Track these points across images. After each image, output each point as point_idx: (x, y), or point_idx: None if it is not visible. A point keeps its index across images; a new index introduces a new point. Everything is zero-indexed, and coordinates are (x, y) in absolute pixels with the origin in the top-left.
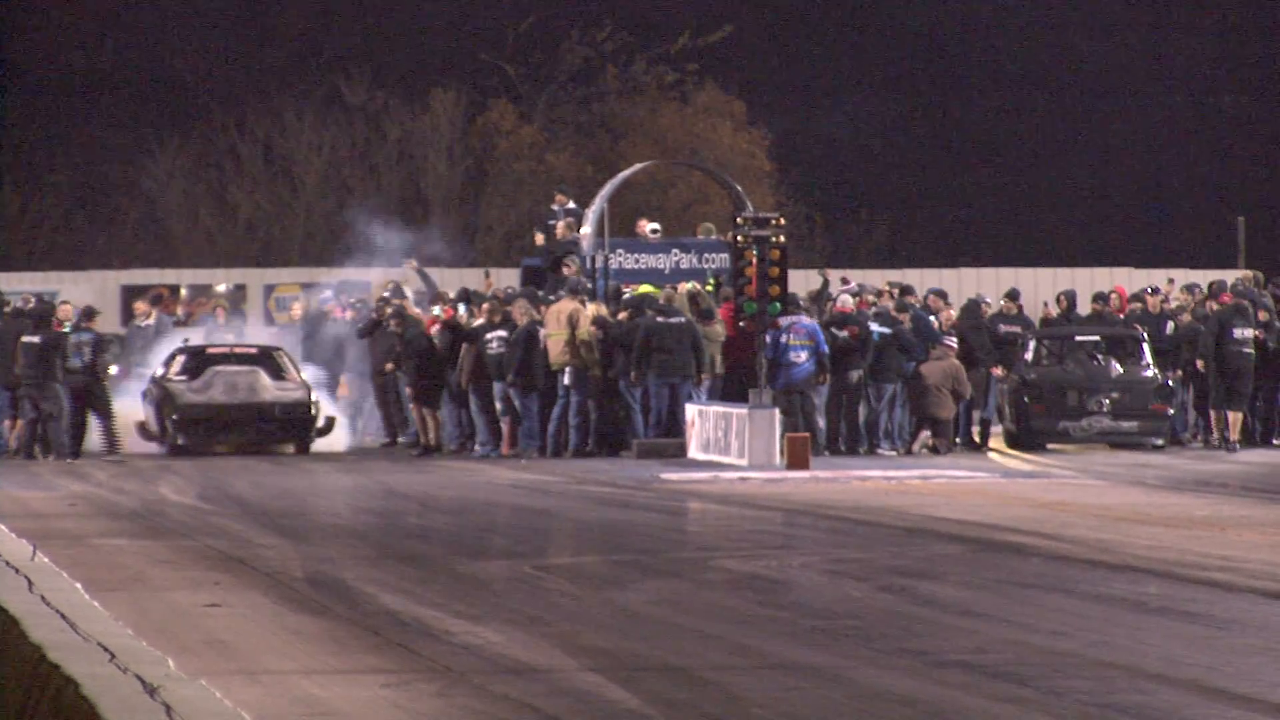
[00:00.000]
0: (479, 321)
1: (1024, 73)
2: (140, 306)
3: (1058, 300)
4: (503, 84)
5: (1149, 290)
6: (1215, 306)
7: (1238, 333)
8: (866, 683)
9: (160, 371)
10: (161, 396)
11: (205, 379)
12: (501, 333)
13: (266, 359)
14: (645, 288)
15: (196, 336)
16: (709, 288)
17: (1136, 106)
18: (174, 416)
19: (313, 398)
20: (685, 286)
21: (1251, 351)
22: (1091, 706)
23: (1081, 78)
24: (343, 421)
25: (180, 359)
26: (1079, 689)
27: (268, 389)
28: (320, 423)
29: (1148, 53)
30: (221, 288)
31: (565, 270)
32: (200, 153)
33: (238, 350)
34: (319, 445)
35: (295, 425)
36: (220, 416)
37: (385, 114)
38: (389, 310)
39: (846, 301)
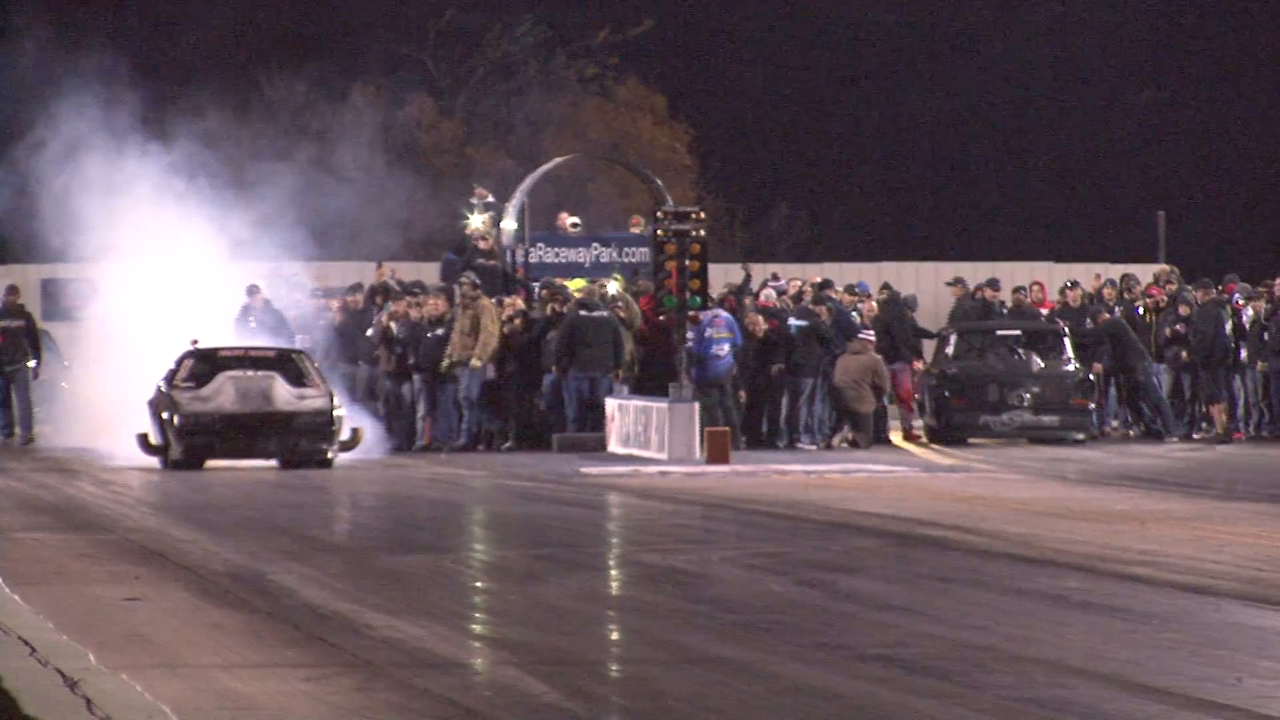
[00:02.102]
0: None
1: (943, 68)
2: None
3: (972, 294)
4: (423, 78)
5: (1069, 284)
6: (1150, 301)
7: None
8: (787, 677)
9: (168, 377)
10: (164, 405)
11: (215, 385)
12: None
13: (285, 363)
14: (579, 282)
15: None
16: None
17: (1055, 100)
18: (175, 425)
19: (335, 405)
20: (580, 282)
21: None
22: (1012, 701)
23: (1000, 73)
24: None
25: (189, 364)
26: (999, 683)
27: (284, 397)
28: (345, 435)
29: (1066, 46)
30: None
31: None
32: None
33: (253, 354)
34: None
35: (315, 437)
36: (228, 426)
37: (306, 108)
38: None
39: (770, 295)
